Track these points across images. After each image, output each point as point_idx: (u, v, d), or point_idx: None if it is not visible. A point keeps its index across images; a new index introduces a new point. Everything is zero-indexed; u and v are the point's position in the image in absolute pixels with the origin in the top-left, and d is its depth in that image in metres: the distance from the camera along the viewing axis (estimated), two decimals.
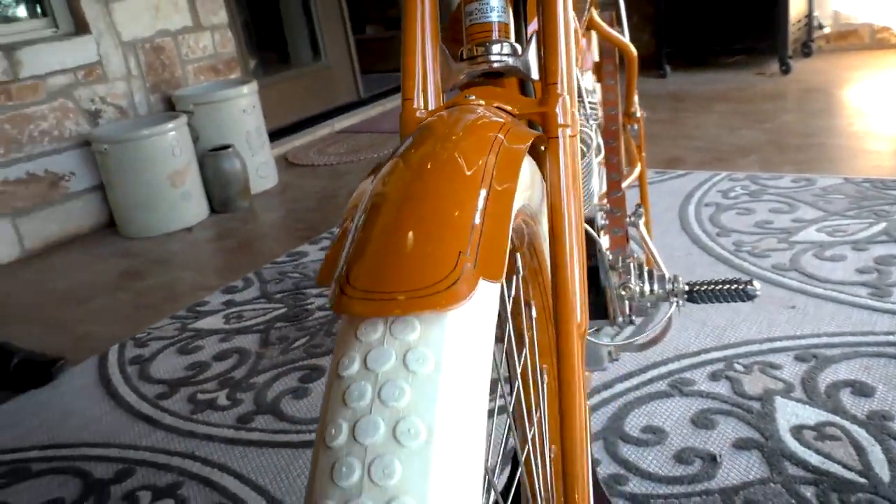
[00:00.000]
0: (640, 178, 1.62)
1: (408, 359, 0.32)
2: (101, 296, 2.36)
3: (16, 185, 2.81)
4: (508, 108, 0.52)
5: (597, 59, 1.39)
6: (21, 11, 3.05)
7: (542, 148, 0.54)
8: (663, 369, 1.48)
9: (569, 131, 0.52)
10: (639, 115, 1.58)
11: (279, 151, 3.76)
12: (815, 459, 1.19)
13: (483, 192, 0.36)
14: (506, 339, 0.56)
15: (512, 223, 0.39)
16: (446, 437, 0.31)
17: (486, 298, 0.36)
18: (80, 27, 3.01)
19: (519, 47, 0.57)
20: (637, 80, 1.61)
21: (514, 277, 0.60)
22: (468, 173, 0.37)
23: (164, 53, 3.27)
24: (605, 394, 1.43)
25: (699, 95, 3.78)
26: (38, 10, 3.03)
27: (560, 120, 0.51)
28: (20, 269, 2.73)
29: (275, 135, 3.75)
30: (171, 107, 3.23)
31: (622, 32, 1.54)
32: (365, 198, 0.38)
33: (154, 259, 2.64)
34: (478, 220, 0.35)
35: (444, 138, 0.41)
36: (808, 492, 1.12)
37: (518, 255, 0.59)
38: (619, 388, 1.44)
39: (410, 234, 0.34)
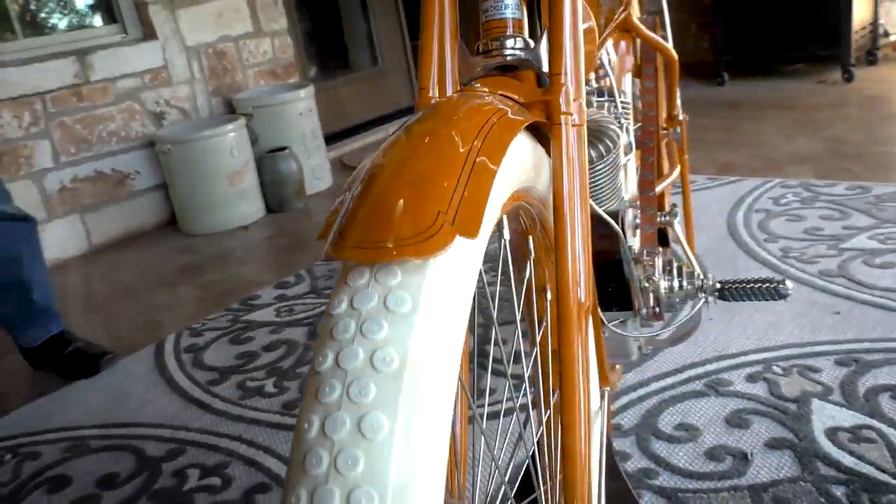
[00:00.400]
0: (683, 180, 1.63)
1: (388, 300, 0.37)
2: (161, 289, 2.47)
3: (84, 182, 2.96)
4: (514, 96, 0.56)
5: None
6: (92, 18, 3.21)
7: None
8: (700, 370, 1.49)
9: (573, 119, 0.56)
10: (681, 118, 1.59)
11: (335, 154, 3.85)
12: (848, 460, 1.18)
13: (469, 166, 0.41)
14: (518, 320, 0.59)
15: (493, 193, 0.43)
16: (417, 365, 0.36)
17: (462, 253, 0.40)
18: (148, 33, 3.15)
19: (532, 42, 0.61)
20: (681, 85, 1.62)
21: (528, 260, 0.64)
22: (460, 149, 0.42)
23: (225, 58, 3.39)
24: (641, 391, 1.44)
25: (757, 103, 3.73)
26: (109, 17, 3.18)
27: (563, 108, 0.55)
28: (87, 263, 2.87)
29: (331, 138, 3.85)
30: (231, 109, 3.35)
31: (665, 37, 1.56)
32: (364, 167, 0.42)
33: (212, 255, 2.74)
34: (460, 188, 0.39)
35: (444, 118, 0.46)
36: (839, 491, 1.12)
37: (530, 237, 0.63)
38: (655, 386, 1.46)
39: (398, 198, 0.39)
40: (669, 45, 1.47)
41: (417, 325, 0.36)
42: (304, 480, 0.34)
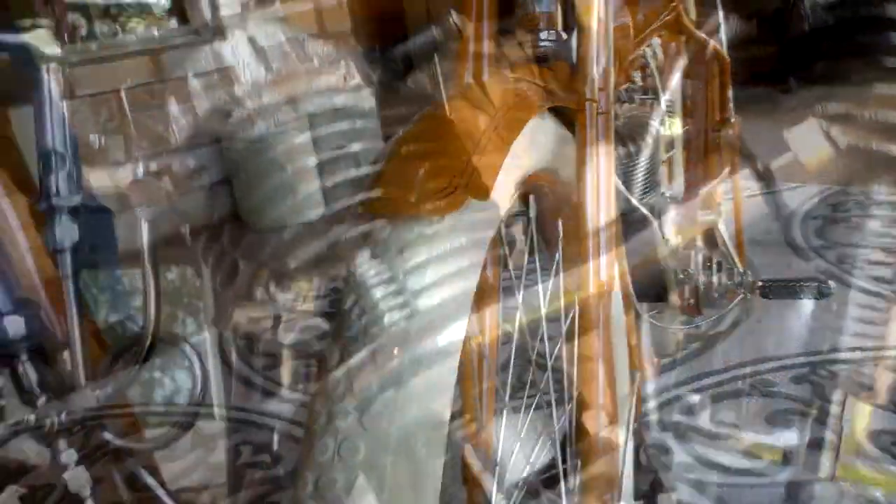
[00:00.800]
0: (734, 183, 1.63)
1: (404, 253, 0.42)
2: (222, 280, 2.56)
3: (154, 176, 3.08)
4: (541, 83, 0.59)
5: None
6: (167, 20, 3.35)
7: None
8: (746, 369, 1.49)
9: (599, 107, 0.59)
10: (733, 120, 1.59)
11: None
12: (890, 464, 1.18)
13: (485, 140, 0.46)
14: (546, 301, 0.63)
15: (508, 165, 0.47)
16: (427, 309, 0.40)
17: (474, 214, 0.45)
18: (218, 34, 3.27)
19: (564, 35, 0.65)
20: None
21: (558, 244, 0.67)
22: (479, 126, 0.46)
23: (291, 59, 3.50)
24: (684, 388, 1.45)
25: (823, 111, 3.65)
26: (182, 18, 3.31)
27: (587, 95, 0.59)
28: (154, 253, 2.98)
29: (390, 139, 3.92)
30: (294, 110, 3.45)
31: (719, 39, 1.56)
32: (395, 139, 0.47)
33: (273, 250, 2.83)
34: (475, 158, 0.44)
35: (467, 99, 0.50)
36: (878, 492, 1.12)
37: (560, 221, 0.66)
38: (698, 383, 1.47)
39: (420, 164, 0.44)
40: (723, 46, 1.48)
41: (429, 275, 0.41)
42: (322, 401, 0.38)
